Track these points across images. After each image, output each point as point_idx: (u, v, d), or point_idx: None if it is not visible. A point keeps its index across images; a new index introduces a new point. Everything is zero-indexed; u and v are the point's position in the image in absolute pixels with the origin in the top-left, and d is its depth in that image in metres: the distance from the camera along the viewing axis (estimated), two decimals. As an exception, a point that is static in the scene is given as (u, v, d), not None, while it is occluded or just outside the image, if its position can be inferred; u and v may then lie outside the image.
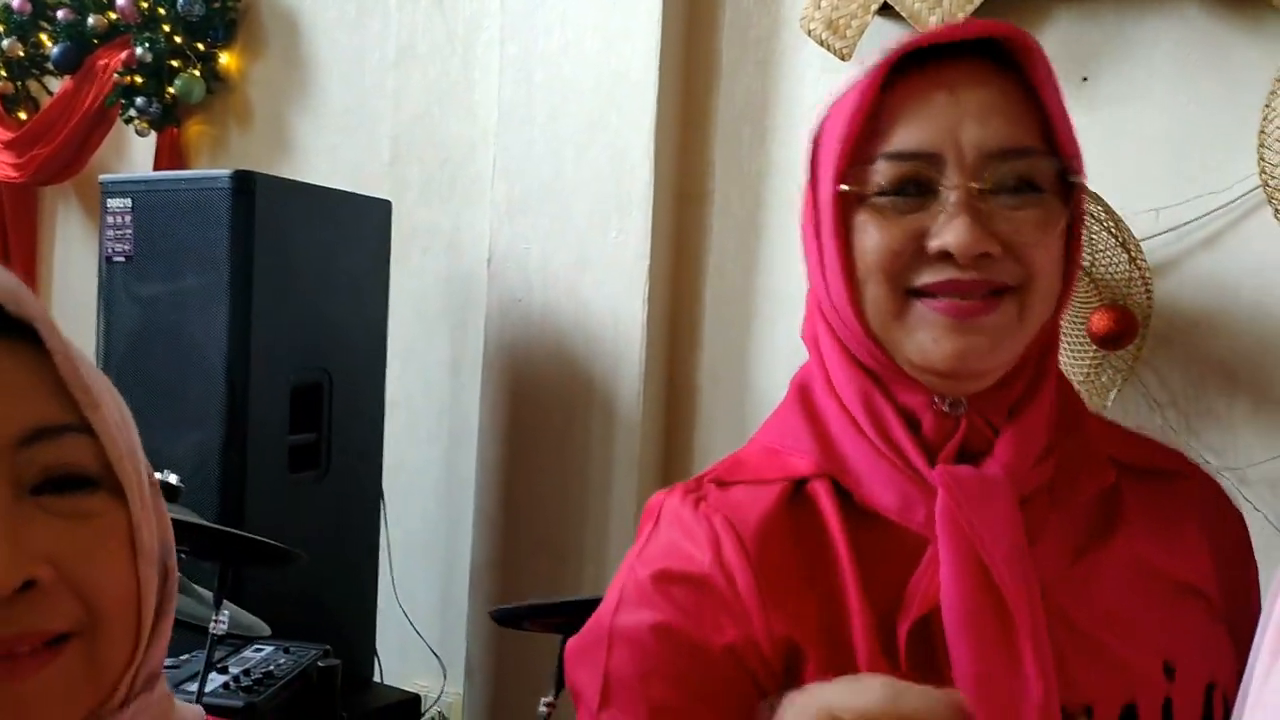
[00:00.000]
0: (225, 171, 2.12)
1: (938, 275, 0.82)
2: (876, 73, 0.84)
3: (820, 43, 1.86)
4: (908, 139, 0.83)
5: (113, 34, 3.20)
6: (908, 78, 0.84)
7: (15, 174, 3.36)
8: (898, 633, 0.81)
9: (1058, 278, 0.85)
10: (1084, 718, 0.80)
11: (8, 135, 3.39)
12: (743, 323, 2.14)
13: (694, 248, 2.20)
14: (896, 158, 0.83)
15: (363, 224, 2.37)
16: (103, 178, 2.26)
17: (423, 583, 2.65)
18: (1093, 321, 1.61)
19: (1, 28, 3.36)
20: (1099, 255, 1.60)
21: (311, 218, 2.24)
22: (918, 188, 0.83)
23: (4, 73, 3.43)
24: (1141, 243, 1.61)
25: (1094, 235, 1.58)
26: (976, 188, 0.81)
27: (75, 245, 3.47)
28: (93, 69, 3.21)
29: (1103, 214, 1.57)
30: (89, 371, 0.61)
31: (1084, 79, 1.75)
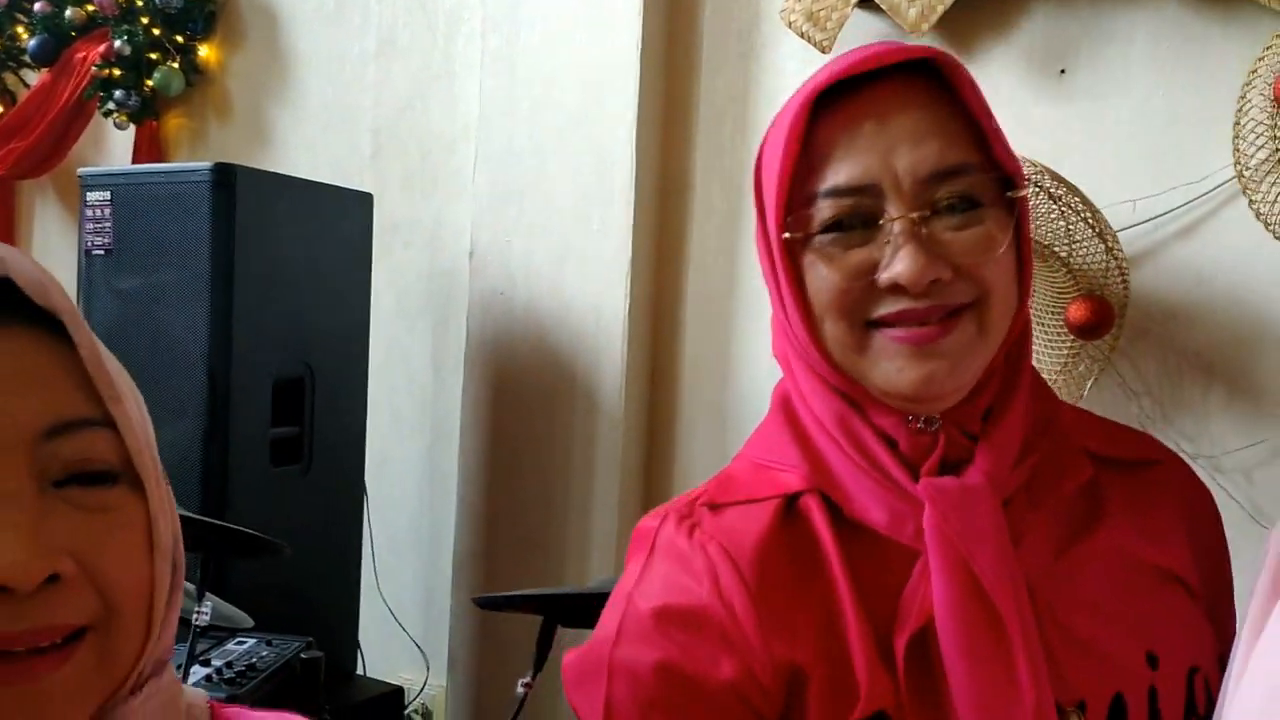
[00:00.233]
0: (205, 164, 2.10)
1: (892, 306, 0.83)
2: (800, 109, 0.84)
3: (801, 35, 1.86)
4: (842, 174, 0.83)
5: (90, 26, 3.17)
6: (837, 107, 0.84)
7: (-7, 168, 3.34)
8: (895, 646, 0.82)
9: (1012, 286, 0.86)
10: (1078, 715, 0.82)
11: (-15, 129, 3.37)
12: (725, 316, 2.14)
13: (676, 240, 2.20)
14: (834, 194, 0.83)
15: (344, 217, 2.36)
16: (81, 171, 2.25)
17: (406, 576, 2.65)
18: (1070, 311, 1.62)
19: (-22, 21, 3.34)
20: (1076, 246, 1.61)
21: (293, 211, 2.22)
22: (861, 220, 0.83)
23: (-20, 66, 3.41)
24: (1118, 233, 1.62)
25: (1071, 226, 1.59)
26: (917, 216, 0.81)
27: (54, 239, 3.44)
28: (70, 62, 3.18)
29: (1080, 205, 1.58)
30: (112, 365, 0.61)
31: (1061, 71, 1.76)
